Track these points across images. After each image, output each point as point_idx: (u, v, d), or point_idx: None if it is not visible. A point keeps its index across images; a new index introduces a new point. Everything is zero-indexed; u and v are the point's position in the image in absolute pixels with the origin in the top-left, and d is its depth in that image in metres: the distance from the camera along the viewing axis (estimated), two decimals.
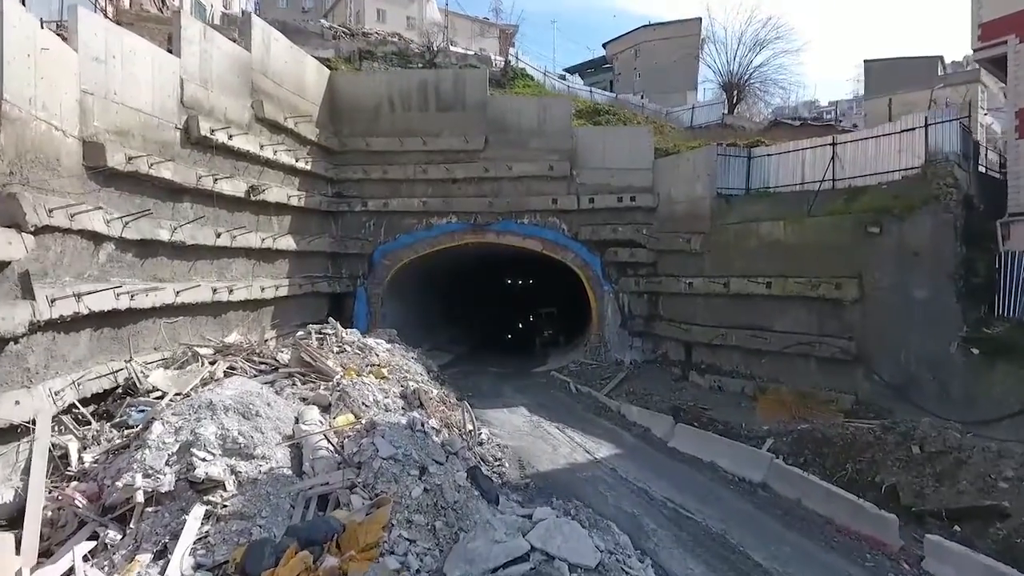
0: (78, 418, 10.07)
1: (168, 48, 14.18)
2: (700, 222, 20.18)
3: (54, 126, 10.41)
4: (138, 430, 8.80)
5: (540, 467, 12.16)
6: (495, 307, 39.15)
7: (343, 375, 12.22)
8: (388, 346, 16.36)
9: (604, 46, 59.55)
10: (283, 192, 18.17)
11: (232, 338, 14.53)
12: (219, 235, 14.98)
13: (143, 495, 7.36)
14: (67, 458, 8.92)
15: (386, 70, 28.13)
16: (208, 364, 12.27)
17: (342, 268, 22.34)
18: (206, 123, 14.44)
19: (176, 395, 10.55)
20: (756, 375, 17.68)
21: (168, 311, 13.22)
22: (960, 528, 9.38)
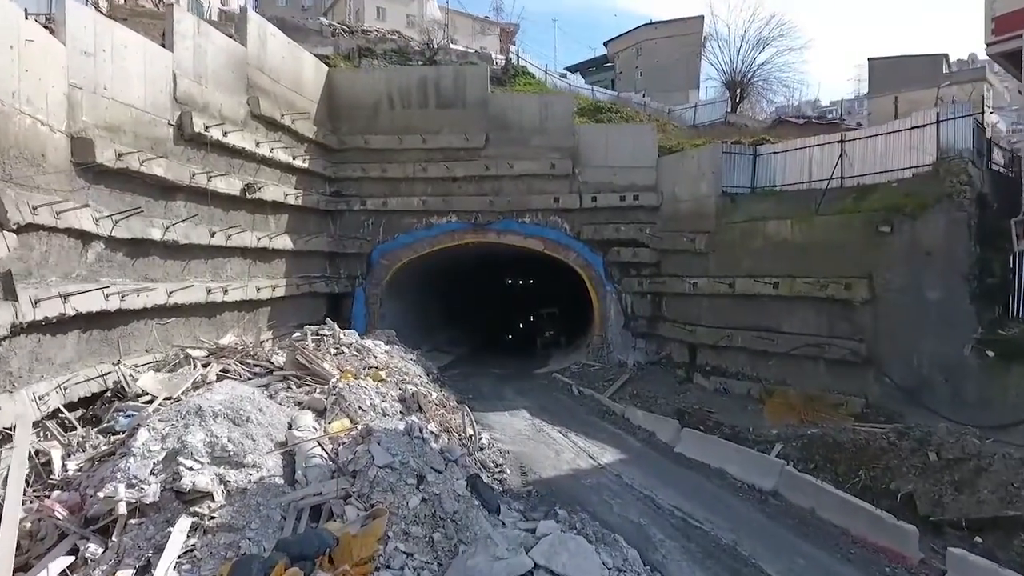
0: (64, 423, 9.74)
1: (162, 43, 13.86)
2: (705, 221, 19.82)
3: (40, 121, 10.09)
4: (123, 437, 8.44)
5: (542, 473, 11.79)
6: (496, 308, 38.86)
7: (340, 378, 11.85)
8: (387, 347, 16.02)
9: (605, 44, 59.22)
10: (280, 190, 17.85)
11: (227, 340, 14.19)
12: (213, 234, 14.71)
13: (126, 507, 6.99)
14: (50, 465, 8.56)
15: (385, 67, 27.76)
16: (201, 367, 11.93)
17: (340, 268, 22.00)
18: (200, 119, 14.17)
19: (166, 399, 10.20)
20: (763, 377, 17.32)
21: (160, 312, 12.94)
22: (981, 539, 9.01)
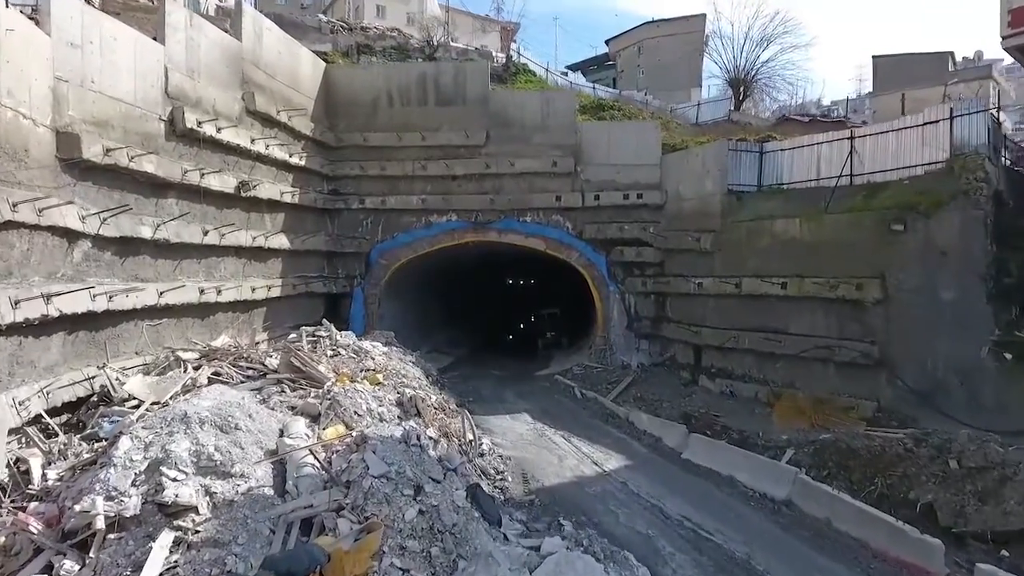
0: (46, 430, 9.33)
1: (155, 37, 13.46)
2: (710, 220, 19.40)
3: (22, 114, 9.69)
4: (106, 445, 8.03)
5: (545, 481, 11.38)
6: (496, 308, 38.44)
7: (335, 381, 11.43)
8: (385, 349, 15.61)
9: (607, 43, 58.70)
10: (276, 188, 17.45)
11: (220, 341, 13.77)
12: (207, 233, 14.32)
13: (104, 520, 6.58)
14: (30, 474, 8.16)
15: (384, 64, 27.34)
16: (192, 369, 11.52)
17: (338, 268, 21.58)
18: (193, 115, 13.78)
19: (154, 403, 9.79)
20: (770, 380, 16.89)
21: (151, 313, 12.55)
22: (1008, 553, 8.59)
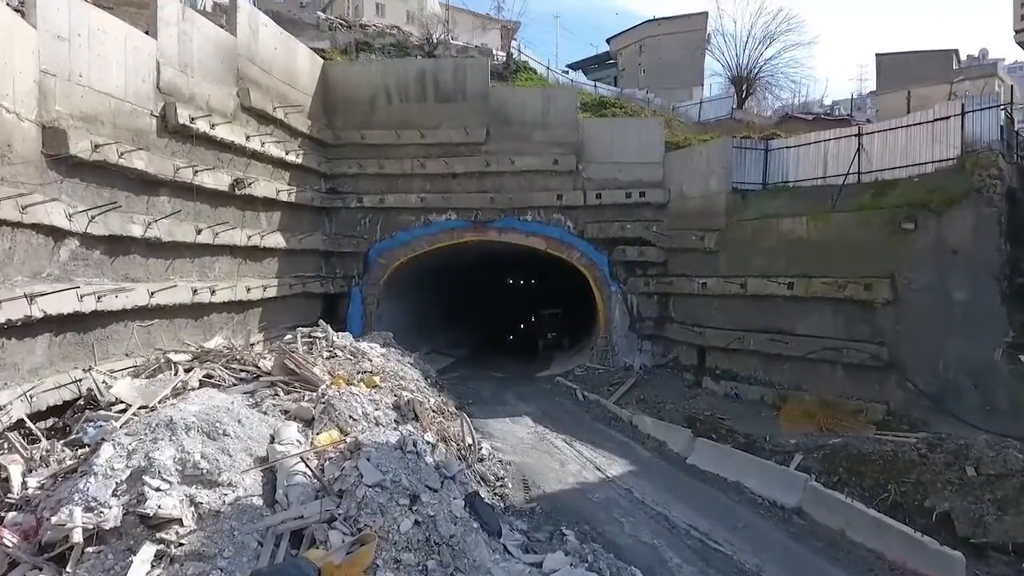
0: (29, 435, 8.99)
1: (146, 30, 13.12)
2: (714, 218, 19.04)
3: (5, 108, 9.39)
4: (88, 451, 7.68)
5: (547, 487, 11.03)
6: (496, 308, 38.08)
7: (330, 384, 11.08)
8: (383, 350, 15.28)
9: (608, 41, 58.30)
10: (272, 186, 17.11)
11: (214, 343, 13.43)
12: (200, 231, 13.99)
13: (83, 533, 6.24)
14: (9, 482, 7.82)
15: (382, 60, 26.99)
16: (183, 372, 11.18)
17: (336, 267, 21.24)
18: (185, 110, 13.46)
19: (142, 407, 9.44)
20: (776, 382, 16.53)
21: (141, 314, 12.22)
22: None
